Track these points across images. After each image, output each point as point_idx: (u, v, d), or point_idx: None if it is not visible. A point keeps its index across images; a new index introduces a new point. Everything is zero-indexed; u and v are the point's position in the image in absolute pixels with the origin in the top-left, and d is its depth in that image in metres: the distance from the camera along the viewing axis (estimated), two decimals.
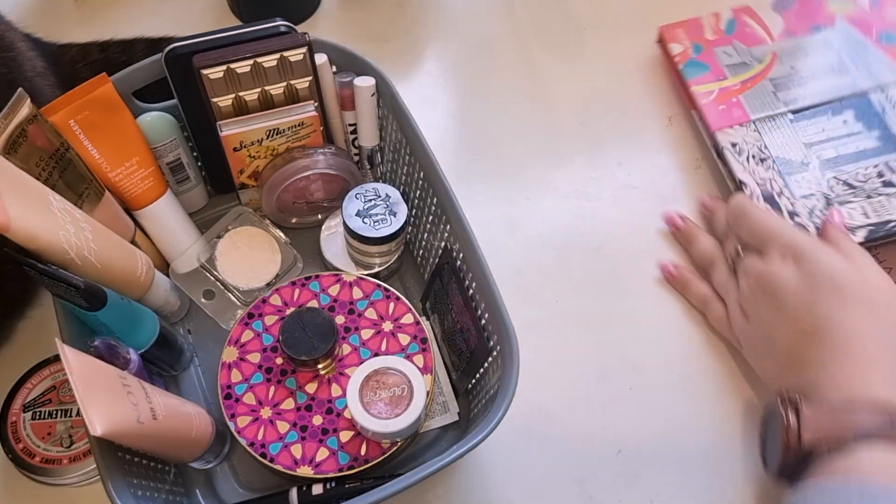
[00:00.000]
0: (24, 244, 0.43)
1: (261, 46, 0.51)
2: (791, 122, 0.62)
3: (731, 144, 0.62)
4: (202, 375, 0.57)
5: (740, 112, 0.63)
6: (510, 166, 0.66)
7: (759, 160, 0.60)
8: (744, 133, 0.62)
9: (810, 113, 0.62)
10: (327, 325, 0.51)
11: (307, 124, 0.55)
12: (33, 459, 0.52)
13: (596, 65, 0.72)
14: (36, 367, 0.55)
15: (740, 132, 0.62)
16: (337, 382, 0.52)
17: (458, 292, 0.51)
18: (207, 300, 0.58)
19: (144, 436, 0.43)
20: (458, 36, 0.74)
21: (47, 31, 0.64)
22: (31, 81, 0.54)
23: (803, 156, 0.60)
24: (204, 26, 0.64)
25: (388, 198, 0.56)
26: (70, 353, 0.41)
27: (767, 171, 0.60)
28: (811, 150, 0.61)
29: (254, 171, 0.58)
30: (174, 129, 0.57)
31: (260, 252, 0.59)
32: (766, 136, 0.61)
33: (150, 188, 0.56)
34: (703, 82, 0.65)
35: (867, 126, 0.61)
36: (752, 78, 0.64)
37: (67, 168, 0.50)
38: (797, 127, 0.61)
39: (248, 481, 0.54)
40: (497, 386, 0.47)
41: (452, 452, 0.43)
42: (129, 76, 0.54)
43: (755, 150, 0.61)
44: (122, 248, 0.51)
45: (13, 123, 0.46)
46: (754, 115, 0.62)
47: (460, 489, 0.54)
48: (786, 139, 0.61)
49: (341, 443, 0.50)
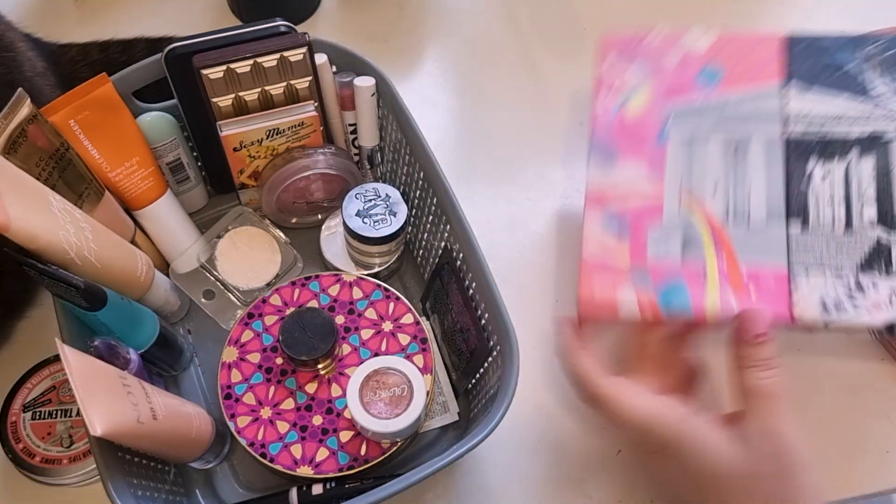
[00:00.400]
0: (24, 244, 0.43)
1: (261, 46, 0.51)
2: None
3: None
4: (202, 375, 0.57)
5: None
6: (510, 166, 0.66)
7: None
8: None
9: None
10: (327, 325, 0.51)
11: (307, 124, 0.55)
12: (33, 459, 0.52)
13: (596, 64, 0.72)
14: (36, 367, 0.55)
15: None
16: (337, 382, 0.52)
17: (458, 292, 0.51)
18: (207, 300, 0.58)
19: (144, 436, 0.43)
20: (458, 36, 0.74)
21: (47, 31, 0.64)
22: (30, 81, 0.54)
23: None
24: (204, 26, 0.64)
25: (388, 198, 0.56)
26: (70, 353, 0.41)
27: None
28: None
29: (254, 171, 0.58)
30: (174, 129, 0.57)
31: (260, 252, 0.59)
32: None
33: (150, 188, 0.56)
34: None
35: None
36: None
37: (67, 168, 0.50)
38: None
39: (248, 481, 0.54)
40: (497, 386, 0.47)
41: (452, 452, 0.43)
42: (129, 76, 0.54)
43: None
44: (121, 248, 0.51)
45: (13, 123, 0.46)
46: None
47: (460, 489, 0.54)
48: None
49: (341, 443, 0.50)
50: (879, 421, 0.56)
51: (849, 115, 0.55)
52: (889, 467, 0.54)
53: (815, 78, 0.55)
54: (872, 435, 0.55)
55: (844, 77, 0.56)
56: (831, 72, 0.56)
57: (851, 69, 0.56)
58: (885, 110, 0.55)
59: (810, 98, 0.55)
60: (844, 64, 0.56)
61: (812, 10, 0.74)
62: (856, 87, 0.55)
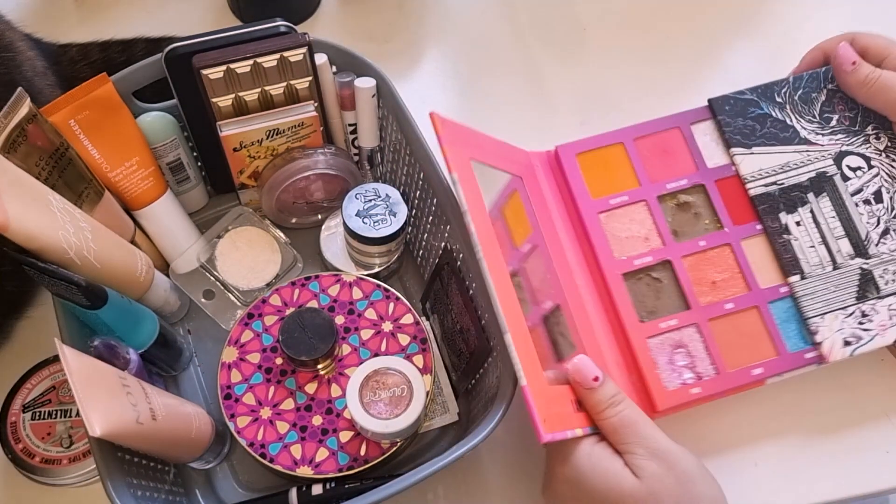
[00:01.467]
0: (24, 244, 0.43)
1: (261, 46, 0.51)
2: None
3: None
4: (202, 375, 0.57)
5: None
6: None
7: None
8: None
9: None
10: (327, 325, 0.51)
11: (307, 124, 0.55)
12: (33, 460, 0.52)
13: (596, 64, 0.72)
14: (36, 367, 0.55)
15: None
16: (337, 383, 0.52)
17: (458, 293, 0.51)
18: (207, 300, 0.58)
19: (144, 436, 0.43)
20: (458, 36, 0.74)
21: (47, 31, 0.64)
22: (30, 82, 0.54)
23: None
24: (204, 26, 0.64)
25: (388, 198, 0.56)
26: (69, 354, 0.41)
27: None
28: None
29: (254, 171, 0.58)
30: (174, 129, 0.57)
31: (260, 252, 0.59)
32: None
33: (150, 188, 0.56)
34: None
35: None
36: None
37: (67, 168, 0.49)
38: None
39: (248, 481, 0.54)
40: (497, 386, 0.47)
41: (452, 452, 0.43)
42: (129, 76, 0.54)
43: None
44: (121, 248, 0.51)
45: (13, 123, 0.46)
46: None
47: (460, 489, 0.54)
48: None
49: (341, 443, 0.50)
50: (879, 421, 0.56)
51: (793, 162, 0.58)
52: (889, 467, 0.54)
53: (748, 137, 0.58)
54: (872, 435, 0.55)
55: (774, 128, 0.59)
56: (760, 126, 0.59)
57: (774, 120, 0.59)
58: (818, 147, 0.58)
59: (755, 157, 0.58)
60: (767, 117, 0.59)
61: (812, 11, 0.74)
62: (787, 136, 0.58)
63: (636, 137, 0.59)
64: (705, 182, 0.57)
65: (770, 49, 0.72)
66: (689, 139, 0.59)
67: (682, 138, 0.59)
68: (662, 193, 0.57)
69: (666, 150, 0.59)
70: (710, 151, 0.58)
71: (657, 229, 0.56)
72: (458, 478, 0.54)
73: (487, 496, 0.54)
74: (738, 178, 0.57)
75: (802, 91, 0.59)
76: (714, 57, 0.72)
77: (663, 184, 0.57)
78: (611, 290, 0.54)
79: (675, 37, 0.73)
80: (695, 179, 0.57)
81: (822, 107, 0.58)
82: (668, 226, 0.56)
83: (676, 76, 0.71)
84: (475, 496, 0.54)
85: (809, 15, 0.74)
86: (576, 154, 0.58)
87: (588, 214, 0.56)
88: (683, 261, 0.55)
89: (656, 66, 0.71)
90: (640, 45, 0.72)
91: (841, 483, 0.54)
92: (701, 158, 0.58)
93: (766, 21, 0.74)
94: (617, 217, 0.57)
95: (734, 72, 0.71)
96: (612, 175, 0.58)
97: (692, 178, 0.57)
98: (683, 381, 0.53)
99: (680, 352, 0.54)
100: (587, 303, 0.54)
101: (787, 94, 0.59)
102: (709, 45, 0.73)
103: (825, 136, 0.58)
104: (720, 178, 0.57)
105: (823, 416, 0.56)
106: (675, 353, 0.53)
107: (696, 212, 0.57)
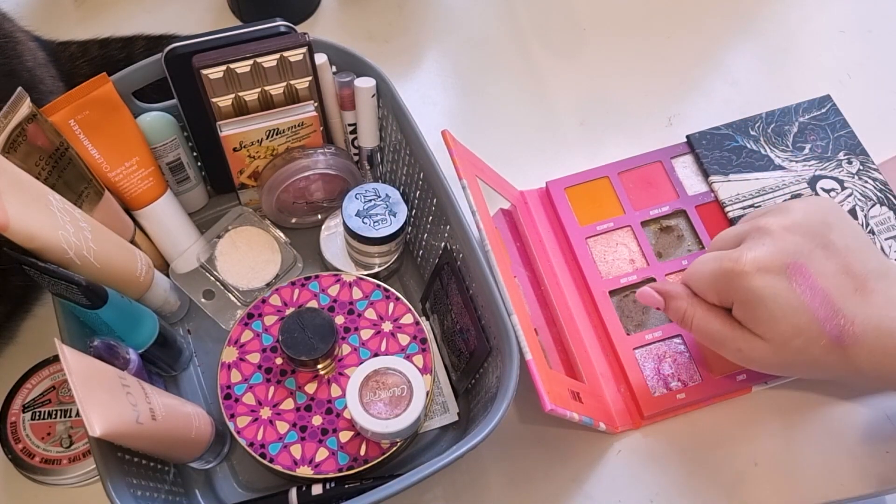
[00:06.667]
0: (23, 243, 0.43)
1: (261, 46, 0.51)
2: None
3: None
4: (202, 375, 0.57)
5: None
6: (510, 166, 0.66)
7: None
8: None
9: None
10: (327, 325, 0.51)
11: (307, 124, 0.55)
12: (33, 460, 0.52)
13: (596, 65, 0.72)
14: (36, 367, 0.55)
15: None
16: (336, 383, 0.52)
17: (458, 293, 0.51)
18: (207, 300, 0.58)
19: (144, 436, 0.43)
20: (458, 36, 0.74)
21: (47, 31, 0.64)
22: (31, 72, 0.54)
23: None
24: (204, 26, 0.64)
25: (388, 198, 0.56)
26: (69, 354, 0.41)
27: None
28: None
29: (254, 171, 0.58)
30: (174, 129, 0.57)
31: (260, 252, 0.59)
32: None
33: (150, 188, 0.56)
34: None
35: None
36: None
37: (67, 167, 0.49)
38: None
39: (248, 481, 0.54)
40: (497, 386, 0.47)
41: (452, 452, 0.43)
42: (129, 76, 0.54)
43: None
44: (121, 248, 0.51)
45: (13, 122, 0.46)
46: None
47: (460, 489, 0.54)
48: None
49: (341, 443, 0.50)
50: (879, 421, 0.56)
51: (769, 186, 0.61)
52: (889, 467, 0.54)
53: (725, 167, 0.62)
54: (872, 435, 0.55)
55: (749, 157, 0.63)
56: (736, 157, 0.63)
57: (749, 150, 0.63)
58: (793, 173, 0.62)
59: (732, 184, 0.62)
60: (742, 148, 0.63)
61: (813, 11, 0.74)
62: (762, 164, 0.62)
63: (620, 171, 0.64)
64: (686, 207, 0.61)
65: (770, 49, 0.72)
66: (669, 171, 0.63)
67: (663, 171, 0.64)
68: (646, 219, 0.61)
69: (649, 182, 0.63)
70: (691, 181, 0.63)
71: (641, 251, 0.60)
72: (457, 478, 0.54)
73: (487, 496, 0.54)
74: (717, 202, 0.61)
75: (775, 125, 0.63)
76: (714, 57, 0.72)
77: (647, 210, 0.61)
78: (598, 306, 0.58)
79: (675, 37, 0.73)
80: (676, 205, 0.62)
81: (795, 138, 0.63)
82: (653, 248, 0.60)
83: (676, 76, 0.71)
84: (475, 496, 0.54)
85: (810, 15, 0.74)
86: (564, 188, 0.63)
87: (576, 239, 0.61)
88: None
89: (656, 65, 0.71)
90: (640, 45, 0.72)
91: (841, 483, 0.54)
92: (682, 187, 0.62)
93: (767, 21, 0.74)
94: (603, 241, 0.61)
95: (734, 72, 0.71)
96: (598, 205, 0.63)
97: (674, 205, 0.62)
98: (670, 388, 0.55)
99: (666, 361, 0.56)
100: (578, 318, 0.58)
101: (760, 128, 0.63)
102: (709, 44, 0.73)
103: (799, 162, 0.62)
104: (700, 204, 0.62)
105: (823, 416, 0.56)
106: (662, 362, 0.56)
107: (678, 234, 0.61)
